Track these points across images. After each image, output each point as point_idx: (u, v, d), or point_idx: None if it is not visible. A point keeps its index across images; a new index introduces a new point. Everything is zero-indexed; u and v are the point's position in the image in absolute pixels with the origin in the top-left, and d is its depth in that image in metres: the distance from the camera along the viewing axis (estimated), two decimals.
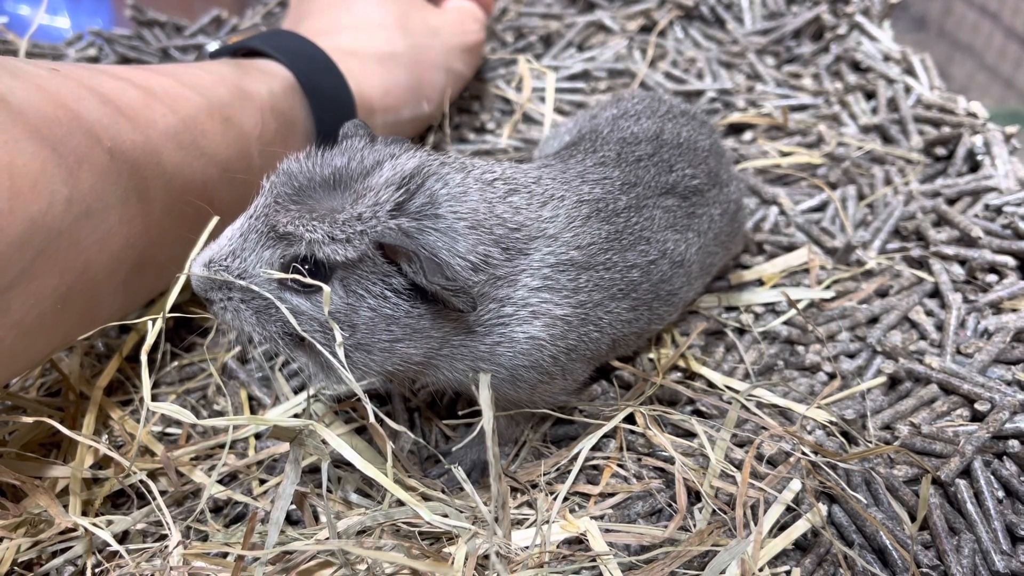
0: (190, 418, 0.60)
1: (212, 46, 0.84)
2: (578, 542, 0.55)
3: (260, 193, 0.53)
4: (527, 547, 0.52)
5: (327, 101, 0.79)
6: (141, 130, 0.61)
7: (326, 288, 0.49)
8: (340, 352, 0.49)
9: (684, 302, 0.69)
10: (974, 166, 0.90)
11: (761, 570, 0.52)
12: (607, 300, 0.60)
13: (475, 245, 0.53)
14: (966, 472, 0.60)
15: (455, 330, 0.54)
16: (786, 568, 0.54)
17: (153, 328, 0.52)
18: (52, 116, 0.54)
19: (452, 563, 0.48)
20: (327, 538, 0.49)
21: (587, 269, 0.58)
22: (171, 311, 0.74)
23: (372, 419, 0.49)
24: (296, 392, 0.67)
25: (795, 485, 0.57)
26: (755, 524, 0.54)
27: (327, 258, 0.50)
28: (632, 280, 0.61)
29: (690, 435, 0.63)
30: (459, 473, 0.53)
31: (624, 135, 0.68)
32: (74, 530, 0.56)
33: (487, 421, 0.49)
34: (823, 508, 0.57)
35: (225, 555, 0.54)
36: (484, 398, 0.48)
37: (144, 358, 0.51)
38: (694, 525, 0.56)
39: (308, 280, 0.50)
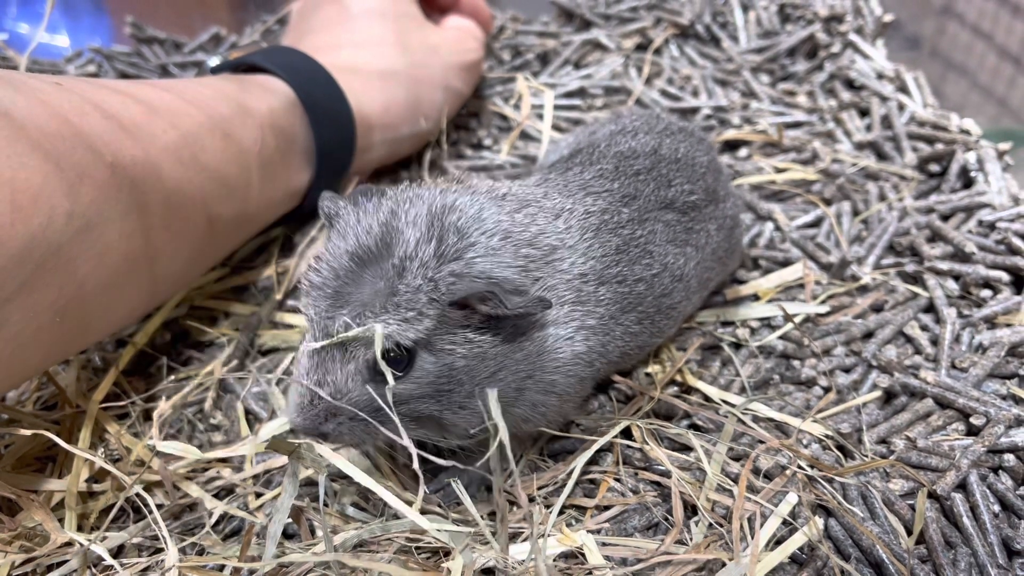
0: (196, 454, 0.60)
1: (213, 61, 0.84)
2: (575, 556, 0.55)
3: (308, 320, 0.53)
4: (524, 560, 0.52)
5: (327, 117, 0.80)
6: (142, 145, 0.61)
7: (391, 380, 0.49)
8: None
9: (683, 316, 0.69)
10: (967, 182, 0.91)
11: None
12: (619, 313, 0.61)
13: (515, 252, 0.54)
14: (962, 486, 0.60)
15: (520, 345, 0.55)
16: None
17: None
18: (54, 131, 0.54)
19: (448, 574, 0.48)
20: (324, 551, 0.49)
21: (604, 283, 0.59)
22: (169, 325, 0.75)
23: (416, 464, 0.48)
24: None
25: (791, 498, 0.57)
26: (751, 537, 0.54)
27: (409, 340, 0.50)
28: (639, 293, 0.62)
29: (687, 449, 0.63)
30: (457, 487, 0.53)
31: (622, 149, 0.69)
32: (70, 544, 0.56)
33: (503, 432, 0.48)
34: (820, 522, 0.57)
35: (222, 568, 0.54)
36: (496, 413, 0.48)
37: (157, 419, 0.50)
38: (690, 539, 0.56)
39: (393, 373, 0.50)
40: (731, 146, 1.01)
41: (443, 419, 0.53)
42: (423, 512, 0.55)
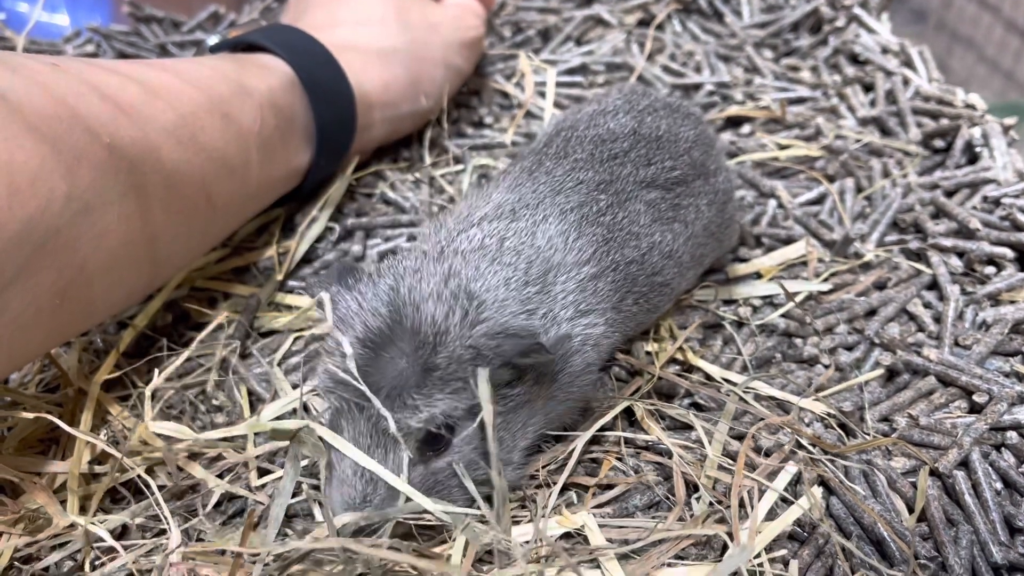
0: (190, 435, 0.60)
1: (212, 40, 0.84)
2: (576, 536, 0.55)
3: (338, 414, 0.53)
4: (527, 541, 0.52)
5: (326, 96, 0.79)
6: (140, 126, 0.61)
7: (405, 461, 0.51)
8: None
9: (677, 292, 0.70)
10: (972, 158, 0.90)
11: (758, 557, 0.52)
12: (618, 301, 0.62)
13: (518, 296, 0.55)
14: (964, 464, 0.60)
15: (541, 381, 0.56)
16: (781, 553, 0.54)
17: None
18: (51, 112, 0.54)
19: (449, 559, 0.48)
20: (327, 535, 0.49)
21: (600, 277, 0.60)
22: (169, 307, 0.75)
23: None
24: (294, 388, 0.67)
25: (790, 469, 0.57)
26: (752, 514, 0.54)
27: (461, 411, 0.51)
28: (632, 274, 0.62)
29: (688, 427, 0.63)
30: (459, 468, 0.53)
31: (600, 132, 0.68)
32: (72, 527, 0.56)
33: (487, 414, 0.49)
34: (819, 491, 0.57)
35: (224, 551, 0.54)
36: (483, 392, 0.48)
37: (149, 394, 0.50)
38: (692, 517, 0.56)
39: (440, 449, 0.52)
40: (734, 122, 1.00)
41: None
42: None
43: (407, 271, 0.55)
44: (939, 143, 0.93)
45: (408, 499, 0.50)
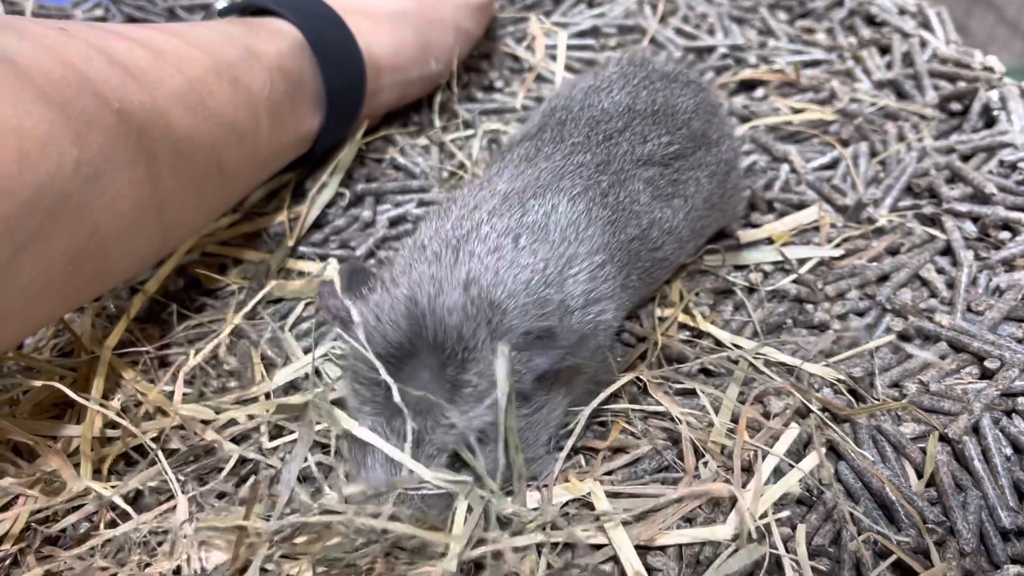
0: (209, 414, 0.60)
1: (220, 3, 0.83)
2: (582, 503, 0.55)
3: (367, 431, 0.52)
4: (536, 508, 0.52)
5: (336, 60, 0.79)
6: (149, 91, 0.61)
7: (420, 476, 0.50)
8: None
9: (675, 265, 0.70)
10: (989, 121, 0.89)
11: (763, 516, 0.53)
12: (624, 278, 0.62)
13: (536, 299, 0.54)
14: (974, 429, 0.60)
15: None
16: (785, 514, 0.54)
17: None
18: (60, 77, 0.54)
19: (451, 529, 0.48)
20: (337, 502, 0.50)
21: (610, 261, 0.60)
22: (180, 272, 0.75)
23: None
24: (306, 352, 0.68)
25: (793, 429, 0.58)
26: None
27: (490, 431, 0.51)
28: (635, 251, 0.63)
29: (697, 394, 0.63)
30: (471, 440, 0.53)
31: (594, 113, 0.67)
32: (87, 491, 0.57)
33: (501, 394, 0.48)
34: (829, 463, 0.57)
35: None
36: (501, 370, 0.48)
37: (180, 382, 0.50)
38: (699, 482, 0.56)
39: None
40: (747, 86, 0.99)
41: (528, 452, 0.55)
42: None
43: (423, 279, 0.53)
44: (956, 106, 0.91)
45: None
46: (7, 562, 0.55)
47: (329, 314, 0.55)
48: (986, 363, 0.64)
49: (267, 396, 0.64)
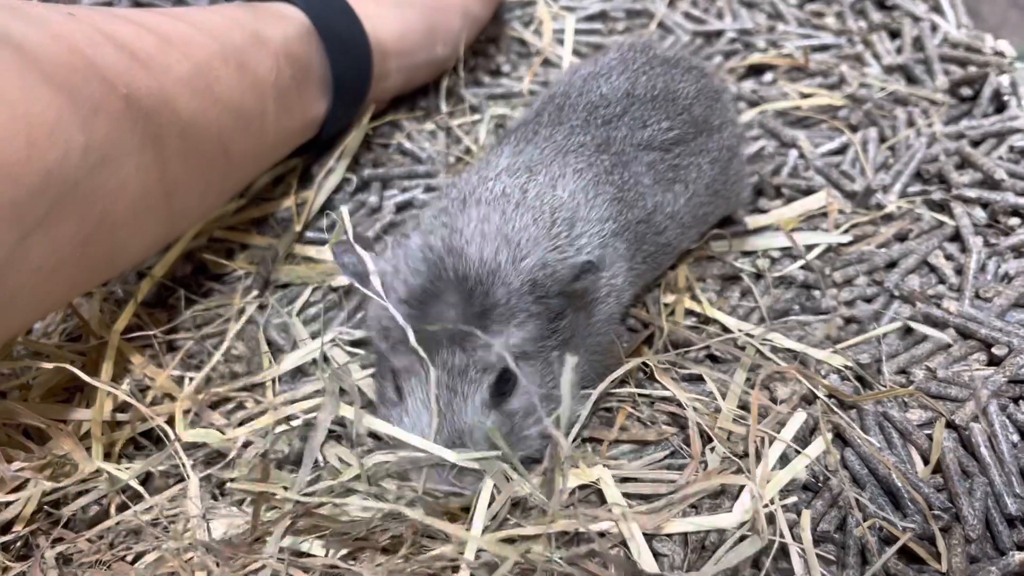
0: (219, 437, 0.60)
1: None
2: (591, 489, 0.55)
3: (405, 371, 0.53)
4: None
5: (343, 45, 0.79)
6: (156, 77, 0.61)
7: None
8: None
9: (678, 251, 0.70)
10: (1000, 107, 0.88)
11: (772, 502, 0.53)
12: (630, 258, 0.62)
13: (547, 233, 0.55)
14: (981, 416, 0.60)
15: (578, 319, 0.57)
16: (792, 500, 0.54)
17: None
18: (67, 63, 0.54)
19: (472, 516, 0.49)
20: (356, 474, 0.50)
21: (618, 235, 0.60)
22: (188, 257, 0.75)
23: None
24: (313, 337, 0.68)
25: (799, 415, 0.58)
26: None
27: (530, 345, 0.52)
28: (641, 232, 0.63)
29: (703, 379, 0.63)
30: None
31: (592, 99, 0.67)
32: (98, 472, 0.57)
33: (565, 409, 0.47)
34: (835, 448, 0.57)
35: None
36: (565, 380, 0.47)
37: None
38: (706, 470, 0.56)
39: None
40: (756, 71, 0.98)
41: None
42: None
43: (434, 225, 0.54)
44: (966, 91, 0.91)
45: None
46: (19, 544, 0.55)
47: (346, 270, 0.55)
48: (994, 350, 0.64)
49: (274, 382, 0.65)
